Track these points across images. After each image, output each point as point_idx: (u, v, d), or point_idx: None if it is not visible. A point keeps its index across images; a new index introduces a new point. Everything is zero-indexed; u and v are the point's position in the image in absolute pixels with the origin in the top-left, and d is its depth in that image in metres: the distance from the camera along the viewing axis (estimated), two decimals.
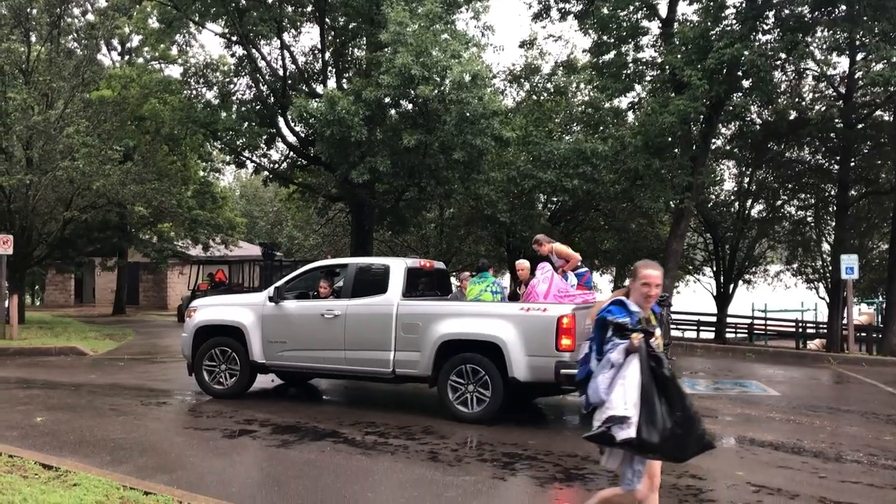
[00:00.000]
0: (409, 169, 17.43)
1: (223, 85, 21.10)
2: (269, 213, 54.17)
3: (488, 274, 10.02)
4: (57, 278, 38.18)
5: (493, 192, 18.87)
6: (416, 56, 15.01)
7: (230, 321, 10.11)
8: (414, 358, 9.08)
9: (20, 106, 17.29)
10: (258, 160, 23.89)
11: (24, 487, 5.32)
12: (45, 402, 9.40)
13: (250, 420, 8.63)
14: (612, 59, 21.00)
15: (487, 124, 15.88)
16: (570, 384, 8.47)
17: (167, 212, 24.18)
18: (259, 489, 5.96)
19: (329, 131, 15.84)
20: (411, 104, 17.05)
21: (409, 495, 5.95)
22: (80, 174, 17.63)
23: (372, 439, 7.80)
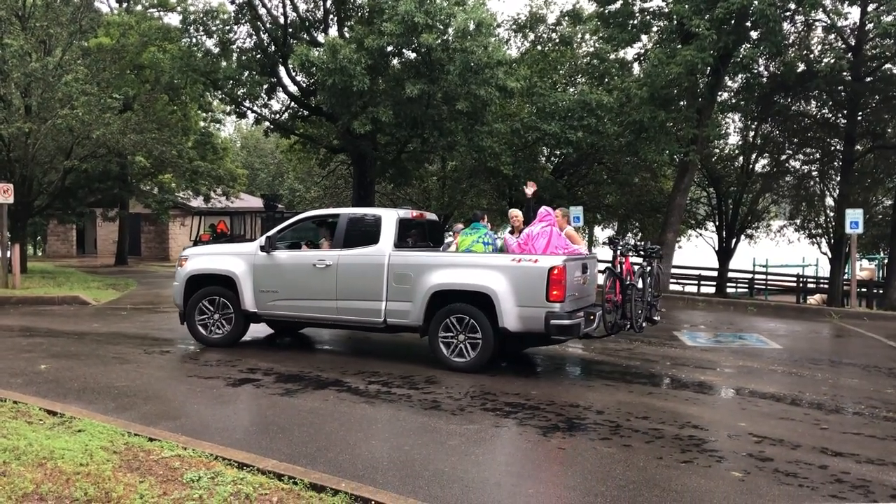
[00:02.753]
0: (411, 120, 17.22)
1: (223, 33, 20.72)
2: (269, 164, 53.86)
3: (480, 224, 9.99)
4: (58, 229, 38.12)
5: (496, 144, 18.66)
6: (419, 3, 14.70)
7: (222, 270, 10.13)
8: (405, 308, 9.15)
9: (17, 53, 17.02)
10: (259, 111, 23.59)
11: (30, 433, 5.35)
12: (49, 350, 9.42)
13: (253, 369, 8.67)
14: (619, 9, 20.60)
15: (492, 74, 15.63)
16: (560, 334, 8.66)
17: (168, 162, 24.01)
18: (262, 436, 5.98)
19: (331, 80, 15.60)
20: (414, 53, 16.72)
21: (413, 443, 5.98)
22: (80, 123, 17.44)
23: (375, 388, 7.84)
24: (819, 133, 24.64)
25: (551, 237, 9.20)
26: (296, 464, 5.22)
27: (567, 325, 8.45)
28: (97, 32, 21.70)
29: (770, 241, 32.33)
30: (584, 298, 9.26)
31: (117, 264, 30.63)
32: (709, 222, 30.34)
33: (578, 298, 9.04)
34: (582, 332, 8.76)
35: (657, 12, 20.54)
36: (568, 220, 10.13)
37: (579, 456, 5.77)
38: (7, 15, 17.64)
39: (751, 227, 29.89)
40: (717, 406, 7.91)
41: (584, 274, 9.26)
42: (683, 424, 6.74)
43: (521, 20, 23.87)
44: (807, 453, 5.96)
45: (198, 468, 4.90)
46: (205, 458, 5.12)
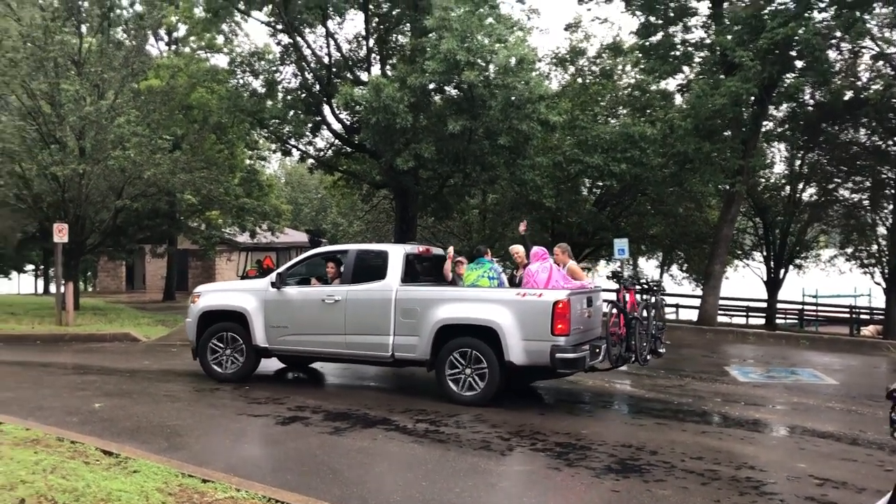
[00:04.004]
0: (453, 155, 17.32)
1: (269, 74, 21.19)
2: (313, 199, 54.58)
3: (485, 259, 10.13)
4: (109, 265, 38.99)
5: (538, 178, 18.67)
6: (461, 41, 14.86)
7: (233, 306, 10.30)
8: (412, 342, 9.26)
9: (73, 97, 17.59)
10: (304, 148, 23.99)
11: (87, 473, 5.42)
12: (102, 388, 9.58)
13: (302, 406, 8.70)
14: (660, 41, 20.63)
15: (533, 109, 15.68)
16: (565, 368, 8.75)
17: (215, 199, 24.46)
18: (314, 477, 5.98)
19: (374, 118, 15.81)
20: (456, 90, 16.89)
21: (464, 485, 5.92)
22: (132, 163, 17.90)
23: (423, 427, 7.80)
24: (869, 161, 24.12)
25: (551, 273, 9.36)
26: None
27: (572, 359, 8.54)
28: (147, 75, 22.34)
29: (820, 272, 31.62)
30: (589, 331, 9.32)
31: (165, 300, 31.16)
32: (756, 252, 29.82)
33: (584, 332, 9.10)
34: (587, 366, 8.83)
35: (699, 44, 20.51)
36: (569, 255, 10.23)
37: (634, 499, 5.65)
38: (64, 61, 18.27)
39: (799, 258, 29.27)
40: (773, 446, 7.71)
41: (588, 307, 9.33)
42: (740, 465, 6.57)
43: (562, 54, 23.98)
44: (872, 497, 5.74)
45: None
46: (258, 499, 5.13)
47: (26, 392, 9.17)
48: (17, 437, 6.46)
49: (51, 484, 5.06)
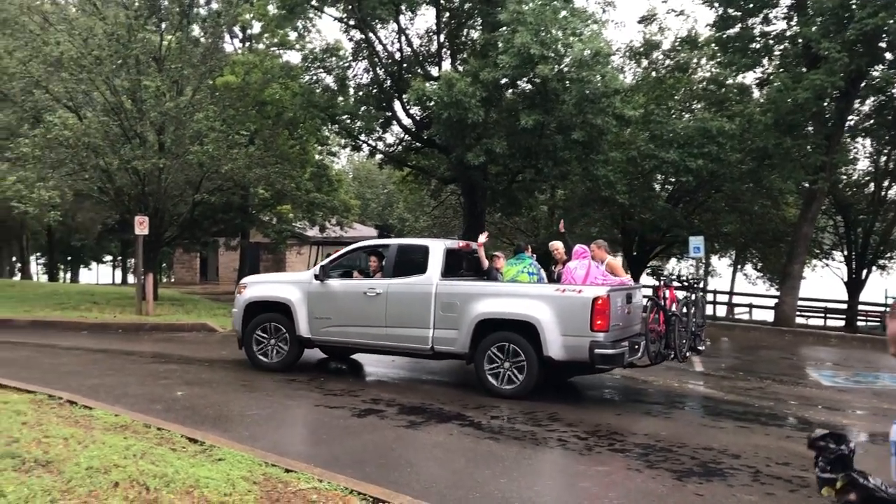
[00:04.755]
0: (525, 150, 17.18)
1: (341, 70, 21.41)
2: (380, 195, 55.08)
3: (525, 255, 10.18)
4: (184, 257, 40.13)
5: (611, 173, 18.37)
6: (535, 35, 14.72)
7: (278, 297, 10.50)
8: (452, 336, 9.36)
9: (154, 93, 18.09)
10: (373, 143, 24.19)
11: (175, 460, 5.54)
12: (183, 377, 9.82)
13: (376, 399, 8.75)
14: (738, 33, 20.04)
15: (609, 103, 15.42)
16: (604, 364, 8.74)
17: (287, 194, 24.86)
18: (392, 470, 5.99)
19: (446, 113, 15.79)
20: (529, 84, 16.76)
21: (543, 484, 5.86)
22: (209, 158, 18.33)
23: (498, 424, 7.76)
24: None
25: (589, 269, 9.39)
26: (426, 500, 5.19)
27: (611, 355, 8.54)
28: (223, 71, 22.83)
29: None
30: (628, 328, 9.30)
31: None
32: (836, 252, 28.77)
33: (623, 328, 9.09)
34: (626, 362, 8.83)
35: (780, 36, 19.85)
36: (608, 251, 10.22)
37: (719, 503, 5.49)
38: (145, 58, 18.81)
39: (883, 258, 28.11)
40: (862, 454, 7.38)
41: (628, 304, 9.33)
42: None
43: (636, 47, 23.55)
44: None
45: (335, 502, 4.94)
46: (340, 491, 5.16)
47: (112, 379, 9.47)
48: (107, 423, 6.67)
49: (142, 469, 5.19)
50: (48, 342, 13.05)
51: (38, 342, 13.05)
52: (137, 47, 18.15)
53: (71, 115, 18.10)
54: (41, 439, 5.88)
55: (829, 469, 1.61)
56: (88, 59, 17.86)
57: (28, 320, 15.92)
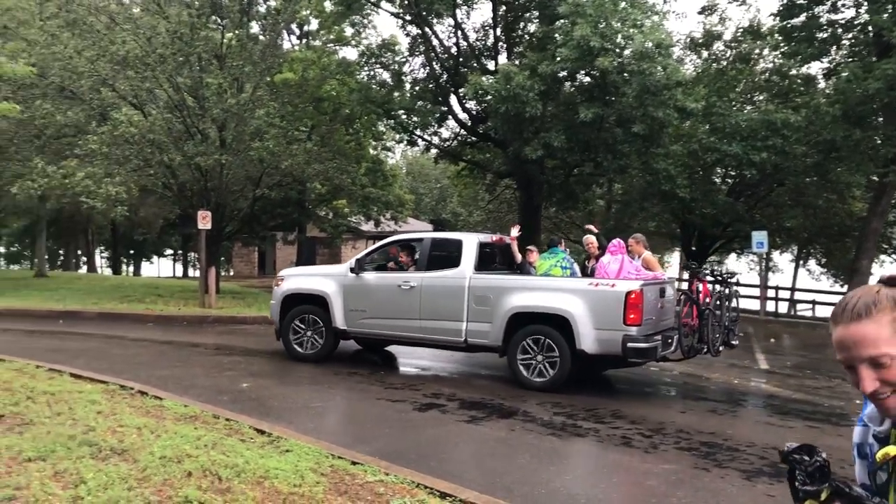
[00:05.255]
0: (583, 143, 17.00)
1: (398, 65, 21.52)
2: (433, 189, 55.21)
3: (559, 249, 10.25)
4: (242, 251, 40.89)
5: (671, 167, 18.04)
6: (594, 27, 14.54)
7: (315, 290, 10.69)
8: (485, 329, 9.47)
9: (216, 90, 18.44)
10: (429, 138, 24.25)
11: (244, 451, 5.63)
12: (248, 369, 10.00)
13: (437, 394, 8.77)
14: (804, 22, 19.49)
15: (670, 95, 15.15)
16: (637, 357, 8.75)
17: (343, 189, 25.11)
18: (457, 465, 6.00)
19: (503, 107, 15.72)
20: (588, 77, 16.58)
21: (608, 481, 5.79)
22: (270, 154, 18.61)
23: (560, 420, 7.69)
24: None
25: (623, 264, 9.43)
26: (493, 495, 5.17)
27: (644, 349, 8.59)
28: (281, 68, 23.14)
29: None
30: (662, 322, 9.30)
31: None
32: None
33: (656, 322, 9.09)
34: (659, 356, 8.87)
35: (848, 24, 19.21)
36: (645, 246, 10.21)
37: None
38: (207, 56, 19.17)
39: None
40: None
41: (661, 298, 9.32)
42: None
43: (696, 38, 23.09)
44: None
45: (402, 495, 4.95)
46: (407, 484, 5.18)
47: (179, 370, 9.70)
48: (177, 413, 6.82)
49: (213, 459, 5.29)
50: (116, 333, 13.44)
51: (106, 333, 13.45)
52: (200, 45, 18.50)
53: (136, 112, 18.57)
54: (116, 428, 6.04)
55: (809, 482, 1.54)
56: (153, 57, 18.28)
57: (96, 312, 16.42)
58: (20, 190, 18.07)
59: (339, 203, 30.05)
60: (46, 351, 10.88)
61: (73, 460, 5.16)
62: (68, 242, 50.05)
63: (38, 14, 19.43)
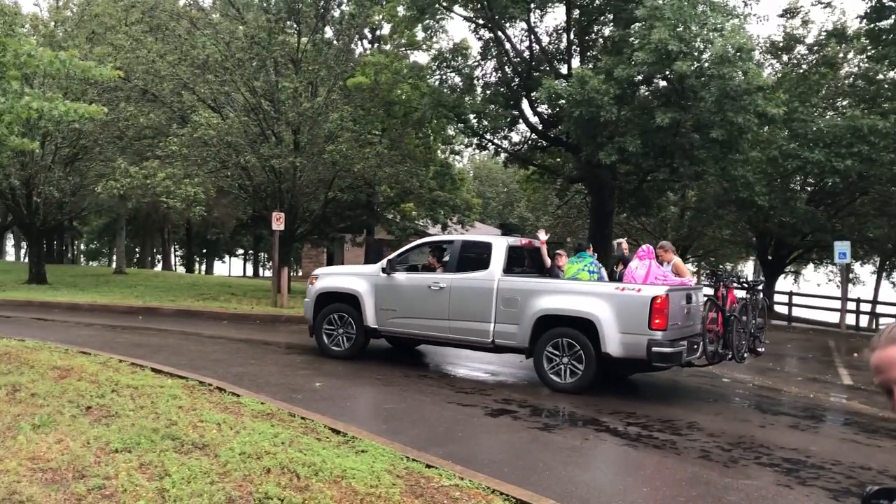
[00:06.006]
0: (659, 149, 16.66)
1: (470, 69, 21.53)
2: (500, 193, 55.10)
3: (586, 254, 10.42)
4: (311, 252, 41.54)
5: (749, 173, 17.53)
6: (672, 30, 14.25)
7: (347, 289, 10.96)
8: (512, 330, 9.62)
9: (291, 94, 18.80)
10: (499, 142, 24.17)
11: (321, 450, 5.69)
12: (320, 369, 10.12)
13: (508, 400, 8.71)
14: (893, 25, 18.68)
15: (751, 100, 14.73)
16: (661, 362, 8.80)
17: (412, 192, 25.26)
18: (531, 472, 5.92)
19: (577, 111, 15.55)
20: (665, 81, 16.26)
21: (687, 494, 5.63)
22: (343, 157, 18.86)
23: (635, 431, 7.54)
24: None
25: (650, 269, 9.54)
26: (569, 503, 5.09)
27: (669, 353, 8.65)
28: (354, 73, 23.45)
29: None
30: (688, 328, 9.36)
31: None
32: None
33: (682, 327, 9.16)
34: (684, 361, 8.92)
35: None
36: (674, 253, 10.39)
37: None
38: (284, 60, 19.58)
39: None
40: None
41: (688, 304, 9.40)
42: None
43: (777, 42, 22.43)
44: None
45: (478, 500, 4.92)
46: (482, 490, 5.14)
47: (254, 368, 9.88)
48: (254, 410, 6.94)
49: (291, 457, 5.36)
50: (193, 330, 13.80)
51: (183, 330, 13.83)
52: (277, 49, 18.90)
53: (214, 115, 19.09)
54: (196, 423, 6.18)
55: None
56: (231, 61, 18.77)
57: (173, 309, 16.91)
58: (104, 189, 18.77)
59: (407, 206, 30.24)
60: (128, 346, 11.24)
61: (158, 453, 5.29)
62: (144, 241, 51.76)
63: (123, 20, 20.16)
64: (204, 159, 19.02)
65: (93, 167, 23.32)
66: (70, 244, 57.19)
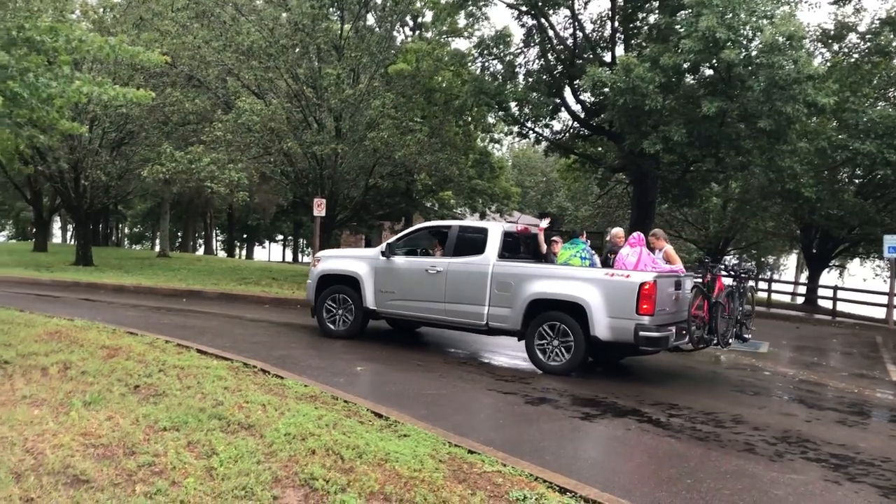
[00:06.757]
0: (705, 138, 16.36)
1: (512, 56, 21.38)
2: (539, 183, 54.79)
3: (579, 240, 10.61)
4: (350, 238, 41.85)
5: (797, 165, 17.16)
6: (720, 18, 13.97)
7: (348, 271, 11.31)
8: (505, 313, 9.90)
9: (334, 81, 18.88)
10: (540, 130, 24.00)
11: (364, 433, 5.73)
12: (361, 354, 10.19)
13: (548, 388, 8.68)
14: None
15: (800, 90, 14.40)
16: (648, 346, 9.10)
17: (452, 181, 25.25)
18: (573, 461, 5.91)
19: (622, 100, 15.36)
20: (711, 69, 15.96)
21: (732, 487, 5.56)
22: (384, 144, 18.91)
23: (678, 422, 7.46)
24: None
25: (640, 256, 9.90)
26: (612, 494, 5.05)
27: (655, 338, 8.94)
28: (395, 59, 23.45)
29: None
30: (678, 314, 9.58)
31: None
32: None
33: (671, 313, 9.43)
34: (671, 345, 9.27)
35: None
36: (666, 240, 10.62)
37: None
38: (327, 47, 19.65)
39: None
40: None
41: (677, 290, 9.65)
42: None
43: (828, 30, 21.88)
44: None
45: (521, 487, 4.91)
46: (525, 477, 5.13)
47: (296, 351, 10.00)
48: (298, 392, 7.01)
49: (335, 439, 5.41)
50: (235, 314, 14.00)
51: (226, 313, 14.03)
52: (320, 36, 18.97)
53: (258, 101, 19.26)
54: (241, 404, 6.26)
55: None
56: (275, 48, 18.90)
57: (217, 292, 17.16)
58: (150, 173, 19.08)
59: (446, 194, 30.25)
60: (173, 327, 11.45)
61: (205, 432, 5.38)
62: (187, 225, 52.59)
63: (170, 5, 20.41)
64: (247, 145, 19.22)
65: (138, 151, 23.73)
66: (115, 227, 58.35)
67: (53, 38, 9.21)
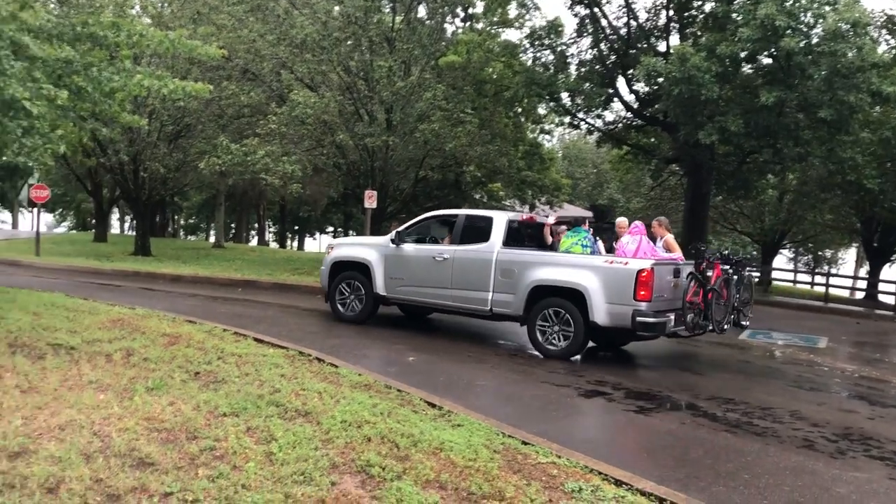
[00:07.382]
0: (763, 129, 15.98)
1: (565, 46, 21.19)
2: (590, 174, 54.21)
3: (582, 229, 10.77)
4: None
5: (859, 156, 16.66)
6: (780, 5, 13.62)
7: (359, 258, 11.70)
8: (509, 299, 10.21)
9: (385, 73, 18.97)
10: (592, 121, 23.76)
11: (418, 422, 5.78)
12: (412, 344, 10.27)
13: (601, 381, 8.63)
14: None
15: (864, 78, 13.97)
16: (645, 331, 9.40)
17: (502, 172, 25.15)
18: (627, 454, 5.88)
19: (677, 90, 15.11)
20: (770, 58, 15.57)
21: (792, 483, 5.46)
22: (435, 136, 18.94)
23: (734, 417, 7.35)
24: None
25: (640, 244, 10.17)
26: (668, 487, 5.01)
27: (652, 323, 9.21)
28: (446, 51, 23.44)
29: None
30: (676, 301, 9.76)
31: None
32: None
33: (669, 300, 9.66)
34: (669, 331, 9.50)
35: None
36: (667, 229, 10.93)
37: None
38: (379, 39, 19.75)
39: None
40: None
41: (675, 278, 9.88)
42: None
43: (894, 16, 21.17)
44: None
45: (576, 479, 4.90)
46: (580, 469, 5.12)
47: (350, 341, 10.11)
48: (352, 381, 7.10)
49: (390, 427, 5.47)
50: (290, 303, 14.22)
51: (280, 303, 14.26)
52: (373, 28, 19.06)
53: (311, 94, 19.47)
54: (298, 391, 6.37)
55: None
56: (328, 41, 19.06)
57: (271, 282, 17.45)
58: (206, 165, 19.46)
59: (495, 186, 30.12)
60: (230, 316, 11.69)
61: (263, 418, 5.49)
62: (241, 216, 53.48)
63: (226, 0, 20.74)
64: (301, 137, 19.46)
65: (195, 144, 24.20)
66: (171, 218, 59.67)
67: (116, 34, 9.45)
